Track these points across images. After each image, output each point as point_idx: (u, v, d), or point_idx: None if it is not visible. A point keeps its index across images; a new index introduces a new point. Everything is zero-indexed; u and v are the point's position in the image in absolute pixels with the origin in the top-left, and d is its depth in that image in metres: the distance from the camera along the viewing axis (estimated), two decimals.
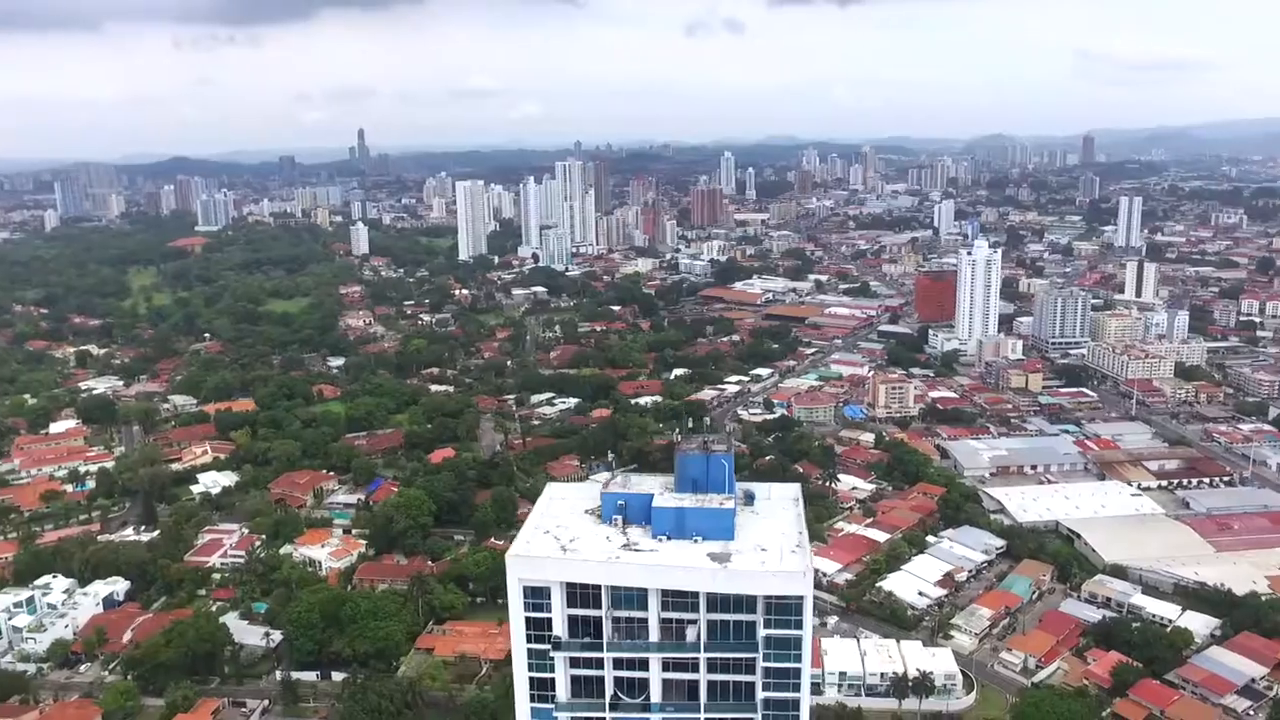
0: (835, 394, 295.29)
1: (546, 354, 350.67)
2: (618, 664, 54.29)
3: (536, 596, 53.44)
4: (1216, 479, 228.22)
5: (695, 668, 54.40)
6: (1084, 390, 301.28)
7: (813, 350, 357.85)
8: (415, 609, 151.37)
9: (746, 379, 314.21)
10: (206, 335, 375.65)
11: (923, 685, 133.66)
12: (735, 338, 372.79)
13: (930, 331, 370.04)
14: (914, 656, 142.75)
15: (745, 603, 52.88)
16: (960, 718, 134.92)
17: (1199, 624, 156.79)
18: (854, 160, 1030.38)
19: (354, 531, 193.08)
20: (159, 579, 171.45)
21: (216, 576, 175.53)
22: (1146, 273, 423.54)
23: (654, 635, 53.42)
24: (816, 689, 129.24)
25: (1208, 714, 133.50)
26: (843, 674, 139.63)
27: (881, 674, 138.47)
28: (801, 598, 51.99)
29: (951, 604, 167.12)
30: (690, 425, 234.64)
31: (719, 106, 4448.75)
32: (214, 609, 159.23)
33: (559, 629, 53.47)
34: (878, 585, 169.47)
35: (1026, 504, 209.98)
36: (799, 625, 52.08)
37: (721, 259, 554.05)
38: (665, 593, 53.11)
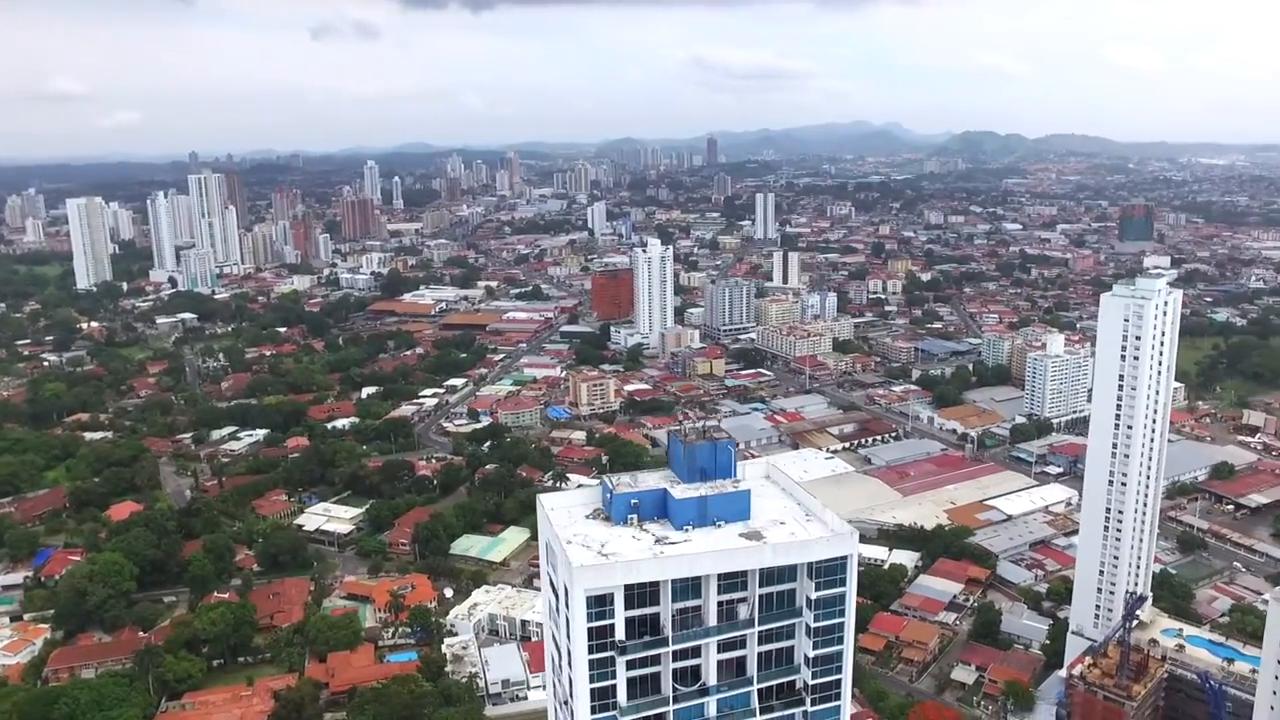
0: (536, 397, 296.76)
1: (216, 384, 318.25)
2: (673, 656, 54.95)
3: (600, 605, 52.46)
4: (886, 435, 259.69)
5: (744, 644, 56.22)
6: (761, 370, 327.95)
7: (501, 356, 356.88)
8: (146, 687, 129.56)
9: (442, 391, 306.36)
10: None
11: None
12: (419, 350, 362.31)
13: (612, 328, 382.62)
14: None
15: (789, 572, 55.58)
16: None
17: (906, 559, 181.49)
18: (499, 166, 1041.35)
19: (28, 616, 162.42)
20: None
21: None
22: (790, 262, 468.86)
23: (710, 620, 54.76)
24: None
25: (929, 631, 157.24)
26: None
27: None
28: (848, 556, 55.52)
29: None
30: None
31: (349, 113, 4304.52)
32: None
33: (620, 633, 53.26)
34: None
35: None
36: (843, 583, 55.74)
37: (383, 271, 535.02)
38: (720, 577, 54.32)
